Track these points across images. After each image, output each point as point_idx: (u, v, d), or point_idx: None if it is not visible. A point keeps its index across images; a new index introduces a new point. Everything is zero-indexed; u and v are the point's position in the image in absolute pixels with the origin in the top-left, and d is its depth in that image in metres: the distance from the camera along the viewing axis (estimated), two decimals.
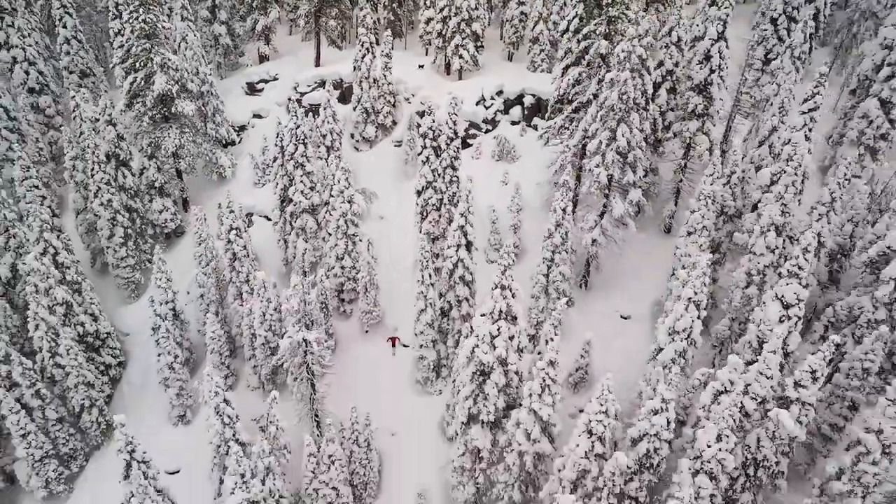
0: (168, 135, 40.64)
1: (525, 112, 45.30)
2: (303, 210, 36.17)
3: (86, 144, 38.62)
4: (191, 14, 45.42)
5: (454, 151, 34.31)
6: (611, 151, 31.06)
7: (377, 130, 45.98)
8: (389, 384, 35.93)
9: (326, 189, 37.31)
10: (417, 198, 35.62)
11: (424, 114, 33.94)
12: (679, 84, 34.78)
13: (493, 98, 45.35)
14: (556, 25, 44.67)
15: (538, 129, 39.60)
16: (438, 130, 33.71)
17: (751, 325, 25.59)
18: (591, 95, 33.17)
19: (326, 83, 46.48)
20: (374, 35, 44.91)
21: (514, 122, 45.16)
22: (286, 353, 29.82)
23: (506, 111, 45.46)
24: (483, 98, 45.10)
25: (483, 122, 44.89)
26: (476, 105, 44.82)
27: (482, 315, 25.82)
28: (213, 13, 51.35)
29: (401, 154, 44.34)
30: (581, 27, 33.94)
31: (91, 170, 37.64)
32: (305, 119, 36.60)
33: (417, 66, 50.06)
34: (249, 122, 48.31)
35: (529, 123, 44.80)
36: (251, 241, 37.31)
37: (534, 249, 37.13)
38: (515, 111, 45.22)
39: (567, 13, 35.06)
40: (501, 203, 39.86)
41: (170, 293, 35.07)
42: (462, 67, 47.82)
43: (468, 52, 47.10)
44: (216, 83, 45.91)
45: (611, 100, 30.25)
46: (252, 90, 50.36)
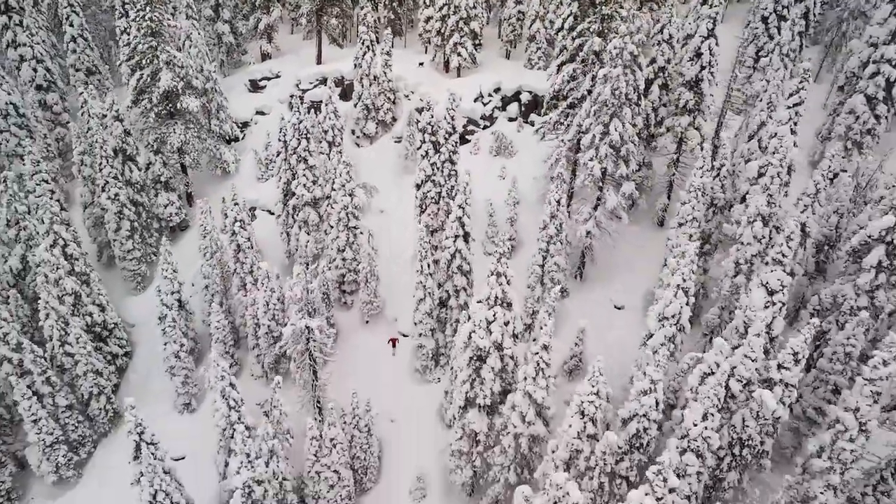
0: (173, 130, 41.66)
1: (522, 108, 46.31)
2: (305, 203, 37.16)
3: (94, 140, 39.65)
4: (195, 13, 46.48)
5: (452, 146, 35.28)
6: (604, 145, 32.03)
7: (377, 127, 46.98)
8: (389, 373, 36.93)
9: (328, 183, 38.31)
10: (417, 191, 36.60)
11: (423, 110, 34.88)
12: (671, 80, 35.73)
13: (491, 95, 46.36)
14: (553, 24, 45.54)
15: (534, 125, 40.58)
16: (437, 126, 34.70)
17: (737, 312, 26.54)
18: (586, 91, 34.17)
19: (328, 80, 47.51)
20: (375, 33, 45.90)
21: (512, 119, 46.18)
22: (289, 341, 30.84)
23: (503, 108, 46.50)
24: (481, 95, 46.12)
25: (481, 119, 45.93)
26: (474, 102, 45.85)
27: (478, 302, 26.78)
28: (217, 12, 52.37)
29: (400, 150, 45.33)
30: (575, 25, 34.93)
31: (99, 164, 38.67)
32: (307, 115, 37.54)
33: (417, 64, 51.10)
34: (252, 119, 49.36)
35: (526, 120, 45.79)
36: (254, 234, 38.33)
37: (530, 242, 38.10)
38: (513, 108, 46.26)
39: (562, 11, 36.02)
40: (499, 197, 40.80)
41: (176, 284, 36.05)
42: (460, 65, 48.83)
43: (466, 50, 48.12)
44: (220, 81, 46.97)
45: (604, 95, 31.22)
46: (255, 87, 51.41)
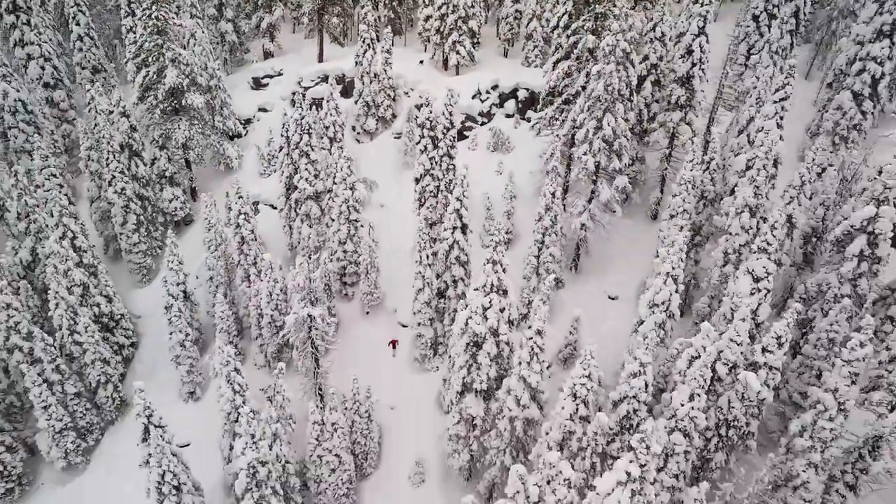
0: (178, 126, 42.65)
1: (519, 105, 47.32)
2: (307, 197, 38.14)
3: (101, 135, 40.63)
4: (199, 12, 47.49)
5: (450, 141, 36.28)
6: (597, 140, 33.03)
7: (378, 123, 47.99)
8: (389, 362, 37.89)
9: (329, 177, 39.29)
10: (416, 185, 37.63)
11: (422, 106, 35.90)
12: (664, 77, 36.72)
13: (489, 92, 47.39)
14: (549, 22, 46.63)
15: (531, 121, 41.58)
16: (436, 121, 35.73)
17: (725, 299, 27.52)
18: (580, 87, 35.18)
19: (329, 78, 48.51)
20: (375, 32, 46.92)
21: (509, 115, 47.18)
22: (292, 329, 31.78)
23: (501, 104, 47.51)
24: (479, 92, 47.15)
25: (479, 115, 46.94)
26: (472, 99, 46.87)
27: (475, 289, 27.75)
28: (220, 11, 53.38)
29: (400, 146, 46.32)
30: (570, 23, 35.95)
31: (106, 159, 39.65)
32: (309, 111, 38.54)
33: (417, 62, 52.09)
34: (255, 116, 50.38)
35: (523, 116, 46.77)
36: (257, 228, 39.29)
37: (526, 234, 39.07)
38: (510, 104, 47.28)
39: (558, 10, 37.02)
40: (496, 191, 41.79)
41: (181, 275, 36.98)
42: (459, 63, 49.84)
43: (465, 48, 49.13)
44: (223, 78, 47.94)
45: (597, 91, 32.21)
46: (257, 85, 52.43)
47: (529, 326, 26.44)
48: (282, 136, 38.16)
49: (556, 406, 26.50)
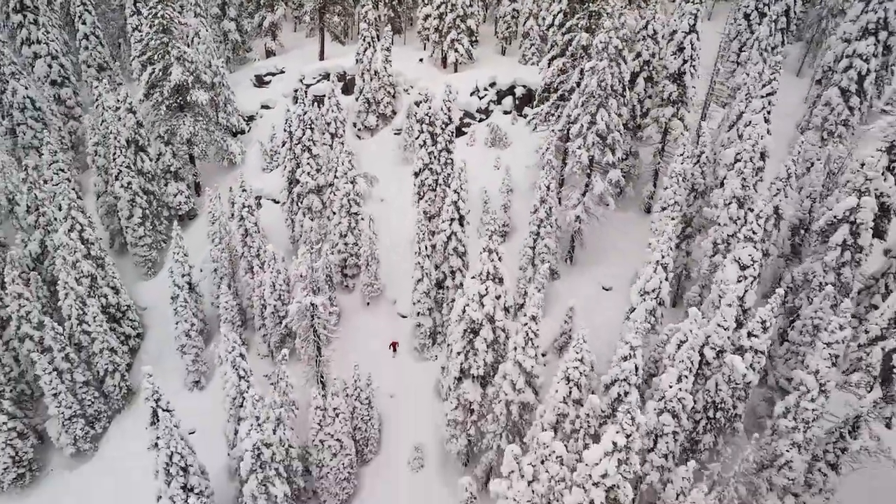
0: (183, 123, 43.66)
1: (516, 102, 48.32)
2: (309, 190, 39.13)
3: (108, 131, 41.65)
4: (203, 11, 48.50)
5: (449, 136, 37.31)
6: (591, 134, 34.03)
7: (378, 119, 49.00)
8: (389, 351, 38.87)
9: (331, 172, 40.29)
10: (415, 179, 38.65)
11: (422, 102, 36.92)
12: (656, 74, 37.71)
13: (487, 89, 48.39)
14: (545, 21, 47.57)
15: (527, 117, 42.55)
16: (434, 117, 36.75)
17: (713, 286, 28.52)
18: (574, 84, 36.16)
19: (330, 76, 49.51)
20: (376, 31, 47.90)
21: (506, 112, 48.16)
22: (295, 317, 32.81)
23: (498, 101, 48.51)
24: (477, 89, 48.16)
25: (477, 112, 47.96)
26: (470, 96, 47.88)
27: (472, 277, 28.74)
28: (223, 10, 54.40)
29: (400, 141, 47.30)
30: (565, 22, 36.93)
31: (113, 154, 40.64)
32: (311, 108, 39.53)
33: (416, 60, 53.12)
34: (258, 113, 51.40)
35: (520, 112, 47.72)
36: (260, 221, 40.29)
37: (523, 227, 39.98)
38: (507, 101, 48.27)
39: (553, 8, 38.04)
40: (494, 186, 42.71)
41: (186, 266, 37.94)
42: (457, 61, 50.84)
43: (463, 46, 50.14)
44: (226, 76, 48.88)
45: (591, 87, 33.20)
46: (260, 83, 53.46)
47: (525, 314, 27.46)
48: (284, 132, 39.15)
49: (551, 390, 27.54)
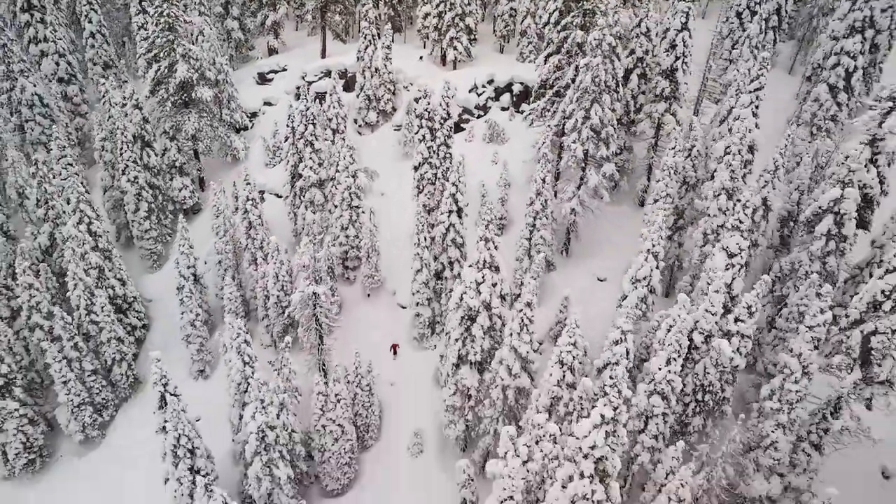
0: (188, 119, 44.68)
1: (514, 99, 49.32)
2: (311, 184, 40.14)
3: (114, 127, 42.65)
4: (207, 10, 49.52)
5: (447, 131, 38.30)
6: (586, 128, 35.02)
7: (378, 116, 50.01)
8: (389, 341, 39.82)
9: (332, 166, 41.27)
10: (414, 173, 39.63)
11: (421, 98, 37.89)
12: (649, 70, 38.70)
13: (485, 86, 49.40)
14: (542, 19, 48.60)
15: (524, 113, 43.56)
16: (433, 112, 37.72)
17: (702, 274, 29.50)
18: (570, 80, 37.19)
19: (332, 73, 50.51)
20: (376, 29, 48.89)
21: (504, 108, 49.15)
22: (297, 306, 33.81)
23: (496, 98, 49.50)
24: (475, 86, 49.17)
25: (475, 108, 48.98)
26: (469, 93, 48.89)
27: (469, 266, 29.72)
28: (226, 9, 55.40)
29: (400, 137, 48.30)
30: (560, 19, 37.97)
31: (120, 149, 41.65)
32: (313, 103, 40.54)
33: (417, 58, 54.12)
34: (261, 109, 52.41)
35: (518, 109, 48.71)
36: (263, 214, 41.26)
37: (519, 220, 40.93)
38: (505, 98, 49.27)
39: (549, 7, 39.04)
40: (491, 180, 43.60)
41: (191, 258, 38.94)
42: (456, 58, 51.85)
43: (462, 44, 51.15)
44: (230, 73, 49.87)
45: (585, 82, 34.20)
46: (263, 80, 54.47)
47: (520, 301, 28.42)
48: (287, 127, 40.14)
49: (545, 374, 28.51)
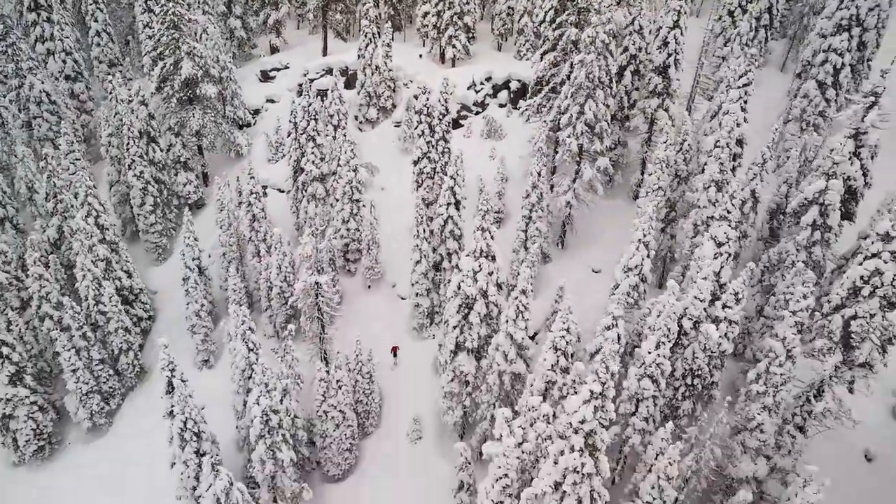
0: (192, 115, 45.71)
1: (511, 96, 50.35)
2: (313, 178, 41.15)
3: (121, 123, 43.68)
4: (210, 9, 50.55)
5: (446, 126, 39.32)
6: (580, 123, 36.02)
7: (378, 112, 51.04)
8: (389, 331, 40.82)
9: (334, 161, 42.31)
10: (414, 167, 40.64)
11: (420, 94, 38.93)
12: (643, 67, 39.68)
13: (483, 83, 50.43)
14: (538, 17, 49.61)
15: (520, 109, 44.53)
16: (432, 108, 38.76)
17: (692, 263, 30.48)
18: (565, 76, 38.18)
19: (333, 71, 51.38)
20: (377, 28, 49.90)
21: (502, 105, 50.18)
22: (300, 295, 34.81)
23: (494, 95, 50.54)
24: (474, 83, 50.19)
25: (473, 105, 50.01)
26: (467, 90, 49.91)
27: (466, 255, 30.71)
28: (229, 8, 56.44)
29: (400, 133, 49.35)
30: (556, 17, 38.93)
31: (126, 145, 42.67)
32: (315, 99, 41.53)
33: (416, 56, 55.17)
34: (263, 106, 53.47)
35: (515, 106, 49.65)
36: (266, 209, 42.25)
37: (516, 214, 41.88)
38: (503, 95, 50.31)
39: (544, 5, 40.04)
40: (489, 175, 44.53)
41: (196, 250, 39.90)
42: (455, 56, 52.86)
43: (460, 43, 52.17)
44: (233, 71, 50.93)
45: (580, 78, 35.18)
46: (265, 77, 55.53)
47: (515, 289, 29.37)
48: (290, 122, 41.16)
49: (540, 359, 29.47)
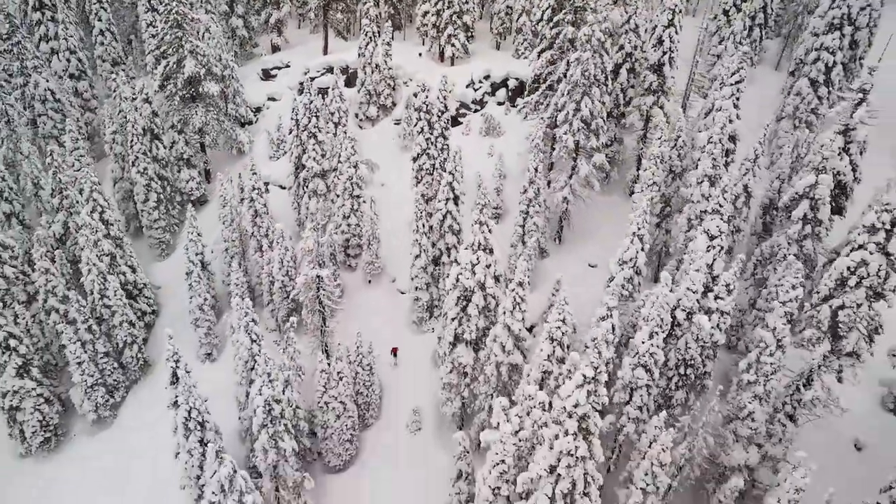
0: (195, 113, 46.38)
1: (509, 93, 51.01)
2: (314, 174, 41.82)
3: (125, 120, 44.35)
4: (212, 8, 51.24)
5: (444, 123, 40.01)
6: (576, 120, 36.71)
7: (378, 110, 51.72)
8: (389, 325, 41.50)
9: (335, 157, 42.97)
10: (413, 164, 41.34)
11: (420, 92, 39.60)
12: (638, 65, 40.37)
13: (482, 81, 51.09)
14: (536, 16, 50.30)
15: (518, 106, 45.26)
16: (431, 105, 39.46)
17: (685, 256, 31.15)
18: (561, 74, 38.87)
19: (334, 69, 52.01)
20: (377, 27, 50.56)
21: (500, 103, 50.84)
22: (302, 288, 35.47)
23: (492, 93, 51.20)
24: (472, 81, 50.85)
25: (472, 103, 50.68)
26: (466, 88, 50.57)
27: (465, 248, 31.38)
28: (231, 7, 57.09)
29: (399, 131, 50.01)
30: (553, 16, 39.67)
31: (130, 142, 43.35)
32: (317, 97, 42.18)
33: (416, 55, 55.85)
34: (265, 104, 54.14)
35: (513, 103, 50.37)
36: (268, 205, 42.91)
37: (514, 210, 42.53)
38: (501, 93, 50.96)
39: (542, 4, 40.74)
40: (487, 172, 45.20)
41: (200, 245, 40.56)
42: (454, 55, 53.54)
43: (459, 41, 52.84)
44: (235, 69, 51.60)
45: (576, 76, 35.88)
46: (267, 76, 56.21)
47: (513, 281, 30.03)
48: (291, 119, 41.84)
49: (536, 350, 30.12)
